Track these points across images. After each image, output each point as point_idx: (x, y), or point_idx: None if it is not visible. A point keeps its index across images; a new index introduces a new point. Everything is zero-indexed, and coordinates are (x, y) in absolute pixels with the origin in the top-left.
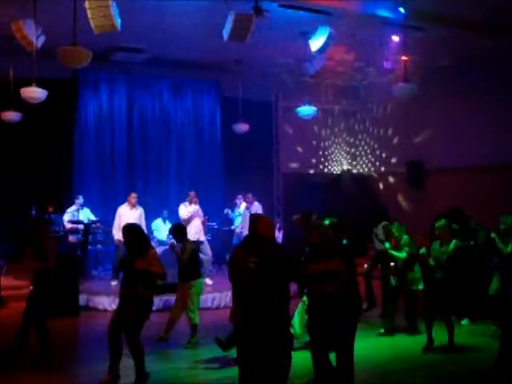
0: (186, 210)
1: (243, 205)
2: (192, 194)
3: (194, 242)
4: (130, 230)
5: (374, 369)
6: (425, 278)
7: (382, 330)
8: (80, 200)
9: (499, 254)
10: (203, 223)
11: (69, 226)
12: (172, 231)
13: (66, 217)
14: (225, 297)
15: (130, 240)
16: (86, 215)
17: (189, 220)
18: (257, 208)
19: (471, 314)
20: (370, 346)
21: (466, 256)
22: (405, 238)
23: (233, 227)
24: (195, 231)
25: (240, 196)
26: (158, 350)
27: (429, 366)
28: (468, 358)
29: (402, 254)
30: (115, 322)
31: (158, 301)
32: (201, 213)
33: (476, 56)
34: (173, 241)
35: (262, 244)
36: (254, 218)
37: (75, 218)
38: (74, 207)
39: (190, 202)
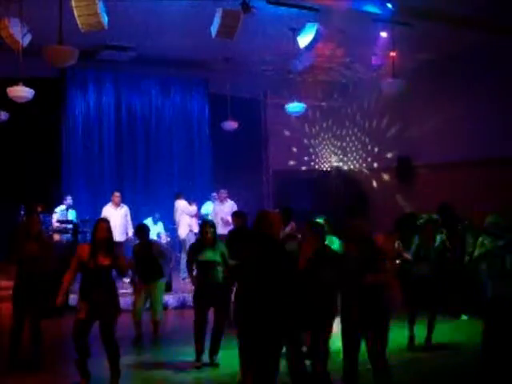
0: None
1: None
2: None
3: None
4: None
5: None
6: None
7: None
8: (69, 200)
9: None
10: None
11: (56, 225)
12: (136, 230)
13: (55, 216)
14: None
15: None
16: (72, 216)
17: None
18: (231, 205)
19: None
20: None
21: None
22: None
23: None
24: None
25: (214, 194)
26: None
27: (414, 362)
28: (452, 354)
29: None
30: (85, 324)
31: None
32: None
33: (465, 51)
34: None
35: (262, 243)
36: (257, 215)
37: (64, 218)
38: (63, 206)
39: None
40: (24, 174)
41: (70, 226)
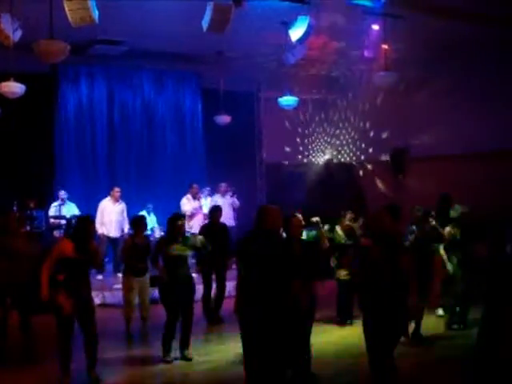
0: (189, 205)
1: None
2: (196, 187)
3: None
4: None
5: (355, 358)
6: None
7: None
8: (62, 195)
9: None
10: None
11: (51, 221)
12: (134, 222)
13: (51, 212)
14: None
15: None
16: (71, 210)
17: (192, 215)
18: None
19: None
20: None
21: None
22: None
23: None
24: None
25: (208, 189)
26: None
27: (403, 355)
28: (443, 345)
29: None
30: (71, 320)
31: None
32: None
33: (461, 43)
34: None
35: (266, 238)
36: (259, 210)
37: (57, 213)
38: (57, 202)
39: (194, 197)
40: (16, 170)
41: (63, 221)
